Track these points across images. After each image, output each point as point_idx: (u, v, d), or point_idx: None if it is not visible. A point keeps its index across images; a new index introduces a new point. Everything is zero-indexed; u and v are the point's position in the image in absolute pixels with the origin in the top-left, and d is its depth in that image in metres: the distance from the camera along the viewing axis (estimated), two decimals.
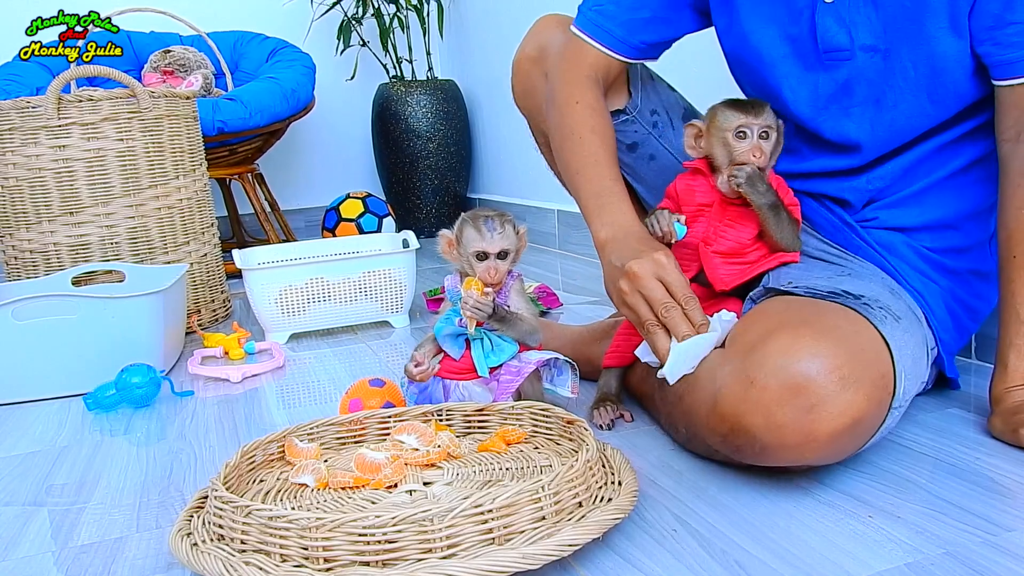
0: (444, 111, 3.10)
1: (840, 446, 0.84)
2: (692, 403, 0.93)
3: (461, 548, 0.71)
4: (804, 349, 0.81)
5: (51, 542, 0.89)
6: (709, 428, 0.89)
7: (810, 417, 0.80)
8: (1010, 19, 0.96)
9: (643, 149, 1.28)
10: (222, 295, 1.98)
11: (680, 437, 1.03)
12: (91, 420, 1.30)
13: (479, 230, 1.07)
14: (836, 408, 0.80)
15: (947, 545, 0.76)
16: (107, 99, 1.72)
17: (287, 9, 3.17)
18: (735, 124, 1.04)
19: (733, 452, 0.88)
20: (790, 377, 0.81)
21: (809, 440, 0.80)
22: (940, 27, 1.00)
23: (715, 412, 0.86)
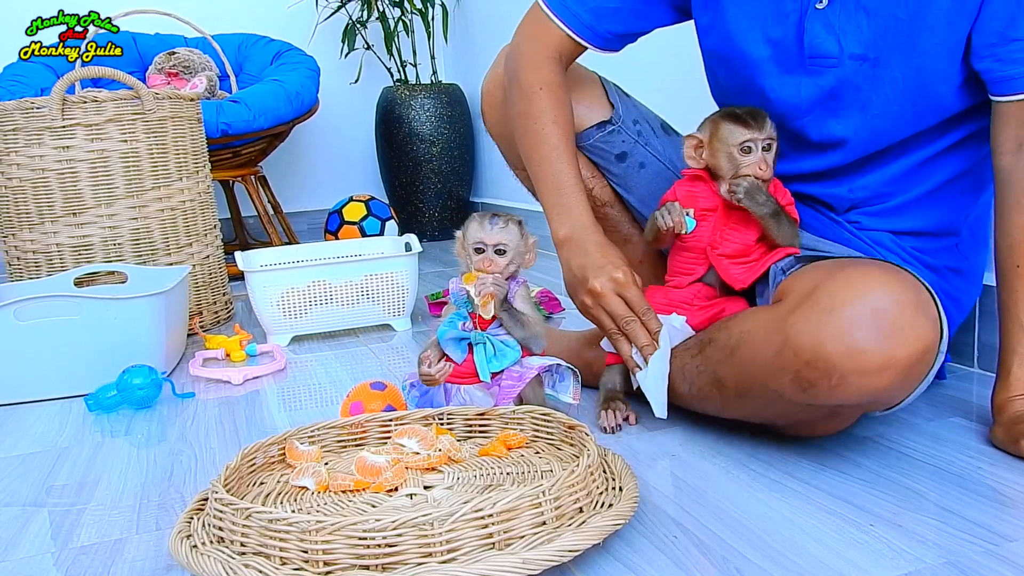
0: (448, 115, 3.10)
1: (911, 375, 0.85)
2: (751, 352, 0.94)
3: (461, 552, 0.71)
4: (876, 280, 0.84)
5: (51, 543, 0.89)
6: (778, 368, 0.89)
7: (891, 341, 0.82)
8: (1013, 36, 0.97)
9: (632, 158, 1.29)
10: (224, 297, 1.98)
11: (714, 405, 1.03)
12: (92, 421, 1.30)
13: (481, 223, 1.08)
14: (913, 333, 0.82)
15: (948, 554, 0.76)
16: (111, 100, 1.72)
17: (292, 12, 3.17)
18: (740, 139, 1.07)
19: (804, 390, 0.87)
20: (869, 303, 0.83)
21: (888, 365, 0.82)
22: (934, 42, 1.01)
23: (787, 349, 0.87)
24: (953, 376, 1.25)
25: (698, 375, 1.04)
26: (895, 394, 0.88)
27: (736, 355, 0.97)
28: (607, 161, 1.29)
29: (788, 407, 0.93)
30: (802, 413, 0.95)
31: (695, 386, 1.05)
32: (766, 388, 0.92)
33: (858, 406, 0.91)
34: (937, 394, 1.18)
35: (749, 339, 0.96)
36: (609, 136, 1.27)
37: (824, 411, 0.93)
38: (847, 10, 1.04)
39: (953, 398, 1.16)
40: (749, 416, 1.03)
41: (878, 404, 0.92)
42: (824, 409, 0.92)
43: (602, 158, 1.29)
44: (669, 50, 1.36)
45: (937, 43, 1.02)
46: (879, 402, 0.91)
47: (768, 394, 0.93)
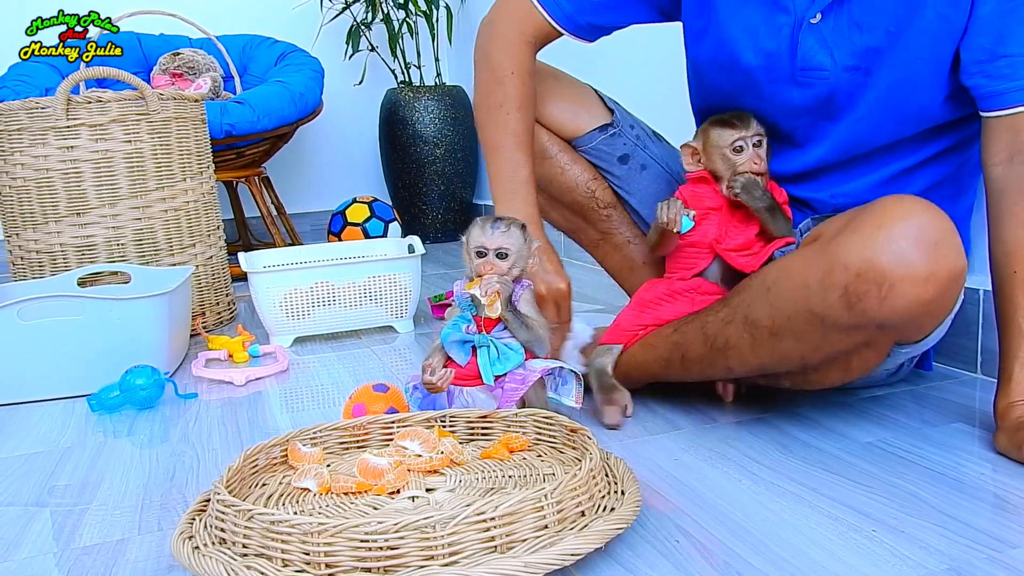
0: (452, 117, 3.10)
1: (949, 292, 0.90)
2: (791, 283, 0.96)
3: (463, 556, 0.71)
4: (918, 204, 0.89)
5: (53, 543, 0.89)
6: (825, 288, 0.91)
7: (935, 254, 0.87)
8: (1001, 53, 1.00)
9: (634, 160, 1.32)
10: (227, 298, 1.98)
11: (738, 356, 1.04)
12: (94, 421, 1.30)
13: (483, 228, 1.08)
14: (952, 250, 0.88)
15: (951, 561, 0.75)
16: (116, 101, 1.72)
17: (297, 13, 3.18)
18: (730, 140, 1.16)
19: (853, 305, 0.90)
20: (914, 221, 0.87)
21: (932, 276, 0.87)
22: (919, 56, 1.05)
23: (836, 267, 0.90)
24: (956, 382, 1.25)
25: (723, 327, 1.05)
26: (934, 311, 0.92)
27: (773, 291, 0.99)
28: (609, 163, 1.31)
29: (828, 334, 0.95)
30: (840, 341, 0.96)
31: (719, 340, 1.05)
32: (808, 314, 0.94)
33: (896, 326, 0.93)
34: (940, 400, 1.18)
35: (787, 273, 0.98)
36: (611, 139, 1.30)
37: (860, 337, 0.95)
38: (840, 25, 1.07)
39: (956, 404, 1.16)
40: (775, 362, 1.02)
41: (916, 325, 0.95)
42: (862, 334, 0.94)
43: (604, 161, 1.32)
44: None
45: (921, 57, 1.05)
46: (917, 321, 0.94)
47: (808, 322, 0.95)
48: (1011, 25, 1.00)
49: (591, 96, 1.34)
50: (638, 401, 1.22)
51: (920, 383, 1.25)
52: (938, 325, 0.98)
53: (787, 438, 1.07)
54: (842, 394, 1.21)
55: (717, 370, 1.09)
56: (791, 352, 1.00)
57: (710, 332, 1.07)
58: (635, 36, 1.47)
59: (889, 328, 0.94)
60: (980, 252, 1.26)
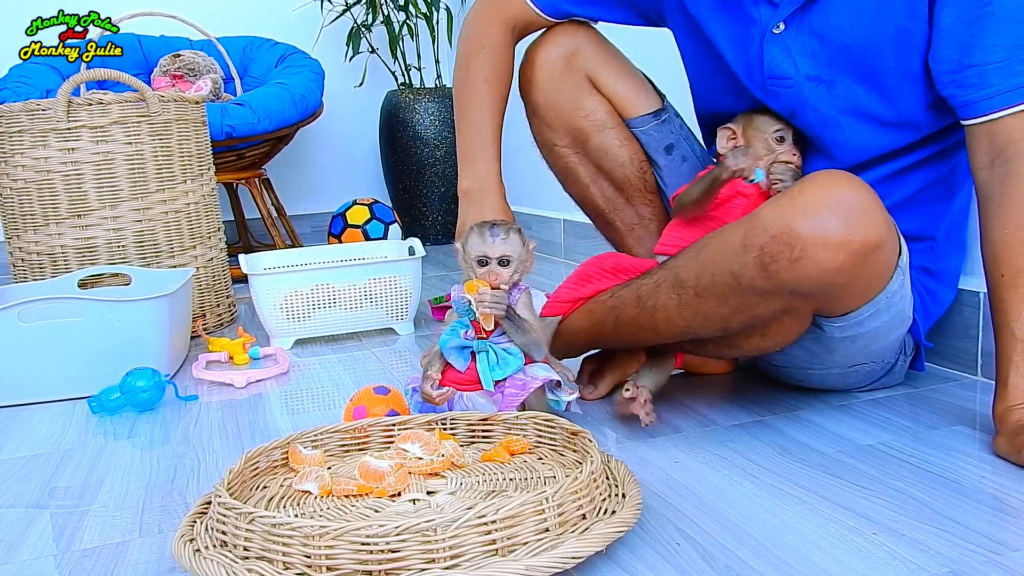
0: (452, 119, 3.09)
1: (866, 265, 0.93)
2: (718, 244, 0.99)
3: (464, 559, 0.71)
4: (843, 178, 0.93)
5: (53, 545, 0.89)
6: (743, 247, 0.94)
7: (850, 222, 0.90)
8: (968, 63, 1.02)
9: (677, 151, 1.33)
10: (227, 300, 1.98)
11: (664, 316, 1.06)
12: (95, 423, 1.30)
13: (482, 235, 1.08)
14: (870, 220, 0.91)
15: (951, 564, 0.75)
16: (116, 103, 1.72)
17: (297, 15, 3.18)
18: (774, 128, 1.18)
19: (766, 267, 0.93)
20: (834, 191, 0.91)
21: (846, 243, 0.90)
22: (888, 67, 1.08)
23: (755, 228, 0.93)
24: (955, 384, 1.25)
25: (655, 289, 1.07)
26: (848, 281, 0.94)
27: (703, 252, 1.02)
28: (655, 151, 1.32)
29: (745, 297, 0.97)
30: (757, 305, 0.98)
31: (649, 301, 1.07)
32: (728, 275, 0.97)
33: (811, 294, 0.95)
34: (940, 402, 1.18)
35: (718, 236, 1.01)
36: (661, 125, 1.32)
37: (778, 303, 0.97)
38: (802, 35, 1.11)
39: (956, 406, 1.16)
40: (699, 325, 1.04)
41: (831, 294, 0.97)
42: (778, 300, 0.96)
43: (652, 148, 1.32)
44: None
45: (892, 68, 1.08)
46: (832, 290, 0.96)
47: (727, 282, 0.97)
48: (974, 35, 1.01)
49: (644, 81, 1.35)
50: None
51: (920, 386, 1.25)
52: (862, 301, 1.01)
53: (787, 440, 1.07)
54: (841, 396, 1.22)
55: (646, 333, 1.11)
56: (713, 315, 1.02)
57: (643, 294, 1.09)
58: (636, 40, 1.47)
59: (803, 295, 0.96)
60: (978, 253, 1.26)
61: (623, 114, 1.32)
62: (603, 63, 1.30)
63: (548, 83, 1.31)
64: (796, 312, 1.01)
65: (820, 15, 1.09)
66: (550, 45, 1.31)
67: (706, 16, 1.20)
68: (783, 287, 0.94)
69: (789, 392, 1.24)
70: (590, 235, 1.45)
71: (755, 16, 1.14)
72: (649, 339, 1.12)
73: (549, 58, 1.31)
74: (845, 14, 1.08)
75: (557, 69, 1.31)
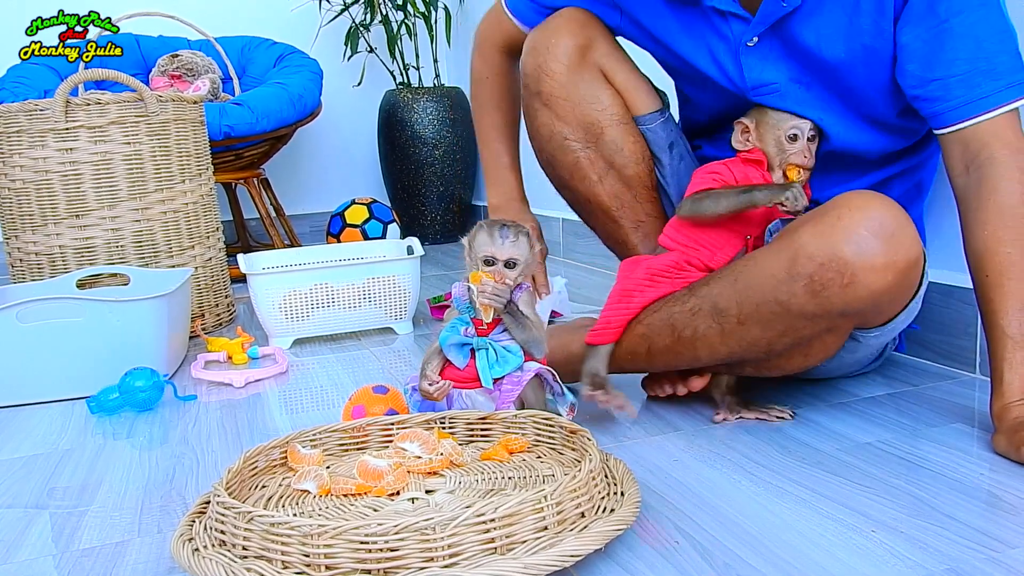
0: (450, 118, 3.10)
1: (907, 280, 0.98)
2: (757, 273, 1.02)
3: (463, 557, 0.71)
4: (874, 199, 0.96)
5: (52, 545, 0.89)
6: (790, 277, 0.98)
7: (892, 243, 0.94)
8: (931, 77, 1.06)
9: (676, 150, 1.33)
10: (226, 299, 1.98)
11: (707, 346, 1.08)
12: (94, 423, 1.30)
13: (491, 235, 1.07)
14: (907, 239, 0.95)
15: (950, 561, 0.75)
16: (115, 103, 1.72)
17: (295, 15, 3.18)
18: (788, 125, 1.14)
19: (817, 293, 0.96)
20: (872, 213, 0.95)
21: (890, 264, 0.94)
22: (859, 83, 1.12)
23: (800, 257, 0.97)
24: (955, 382, 1.25)
25: (691, 317, 1.09)
26: (895, 297, 0.99)
27: (741, 281, 1.04)
28: (660, 149, 1.32)
29: (793, 322, 1.01)
30: (805, 327, 1.01)
31: (687, 331, 1.09)
32: (773, 303, 1.00)
33: (859, 313, 1.00)
34: (939, 400, 1.18)
35: (755, 263, 1.04)
36: (665, 123, 1.32)
37: (824, 324, 1.01)
38: (774, 48, 1.15)
39: (955, 404, 1.16)
40: (744, 348, 1.06)
41: (877, 310, 1.02)
42: (825, 321, 1.00)
43: (657, 145, 1.32)
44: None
45: (862, 82, 1.12)
46: (879, 307, 1.01)
47: (774, 310, 1.01)
48: (935, 50, 1.04)
49: (648, 80, 1.35)
50: (635, 401, 1.23)
51: (919, 384, 1.25)
52: (900, 311, 1.05)
53: (786, 438, 1.07)
54: (841, 395, 1.22)
55: (683, 360, 1.12)
56: (758, 340, 1.05)
57: (678, 324, 1.10)
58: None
59: (852, 314, 1.00)
60: None
61: (632, 111, 1.32)
62: (616, 58, 1.30)
63: (564, 74, 1.28)
64: (839, 329, 1.05)
65: (791, 34, 1.12)
66: (566, 35, 1.28)
67: (676, 40, 1.23)
68: (833, 311, 0.98)
69: (788, 390, 1.24)
70: (590, 235, 1.45)
71: (726, 32, 1.17)
72: (687, 364, 1.13)
73: (567, 49, 1.28)
74: (814, 34, 1.11)
75: (574, 61, 1.28)
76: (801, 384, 1.26)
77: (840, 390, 1.24)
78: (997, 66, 1.03)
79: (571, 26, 1.29)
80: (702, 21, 1.19)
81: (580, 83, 1.28)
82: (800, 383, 1.26)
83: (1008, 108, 1.03)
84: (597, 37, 1.29)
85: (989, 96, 1.03)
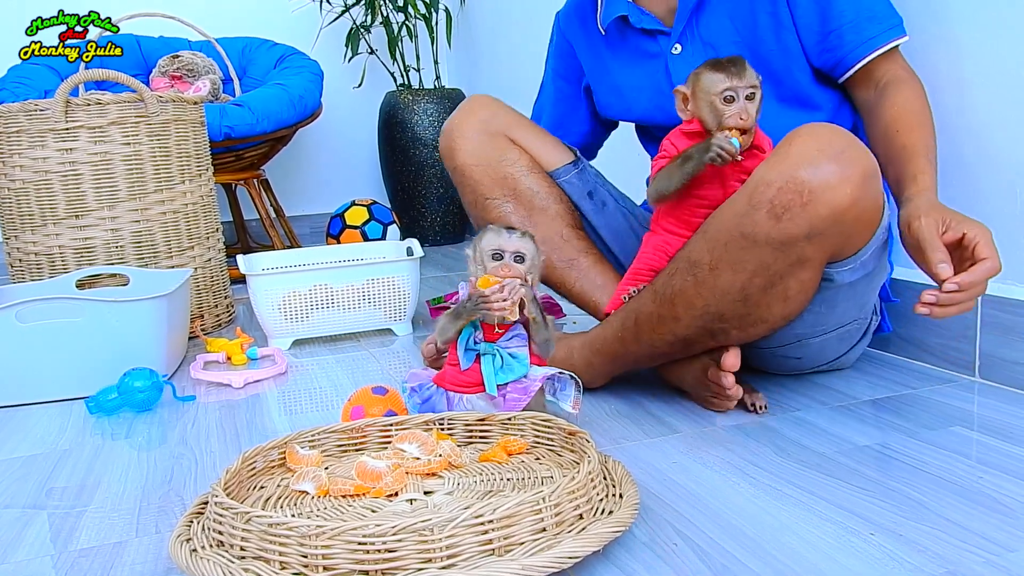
0: None
1: (865, 194, 1.00)
2: (721, 217, 1.06)
3: (461, 558, 0.71)
4: (823, 125, 1.02)
5: (50, 546, 0.89)
6: (751, 208, 1.01)
7: (843, 158, 0.98)
8: (829, 28, 1.22)
9: (597, 197, 1.42)
10: (226, 300, 1.98)
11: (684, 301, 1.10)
12: (92, 424, 1.30)
13: (498, 233, 1.08)
14: (856, 153, 0.99)
15: (949, 564, 0.75)
16: (115, 103, 1.72)
17: (296, 16, 3.18)
18: (720, 88, 1.09)
19: (779, 216, 0.99)
20: (818, 136, 0.99)
21: (845, 178, 0.97)
22: (771, 51, 1.24)
23: (759, 186, 1.01)
24: (953, 385, 1.25)
25: (669, 279, 1.12)
26: (858, 214, 1.00)
27: (709, 229, 1.08)
28: (580, 198, 1.41)
29: (761, 255, 1.02)
30: (775, 260, 1.03)
31: (666, 291, 1.12)
32: (740, 238, 1.03)
33: (824, 235, 1.00)
34: (937, 403, 1.18)
35: (719, 211, 1.08)
36: (580, 174, 1.41)
37: (793, 254, 1.02)
38: (697, 49, 1.28)
39: (953, 407, 1.16)
40: (718, 300, 1.08)
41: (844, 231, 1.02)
42: (794, 250, 1.01)
43: (576, 195, 1.41)
44: None
45: (775, 52, 1.24)
46: (845, 227, 1.01)
47: (741, 245, 1.03)
48: (824, 10, 1.21)
49: (556, 139, 1.45)
50: (634, 403, 1.23)
51: (918, 387, 1.25)
52: (868, 235, 1.07)
53: (785, 441, 1.07)
54: (840, 397, 1.22)
55: (666, 324, 1.13)
56: (731, 285, 1.06)
57: (658, 287, 1.14)
58: None
59: (817, 236, 1.00)
60: None
61: (544, 167, 1.41)
62: (517, 124, 1.41)
63: (471, 144, 1.39)
64: (811, 262, 1.04)
65: (706, 25, 1.27)
66: (466, 115, 1.40)
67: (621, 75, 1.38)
68: (799, 233, 1.00)
69: (787, 392, 1.24)
70: None
71: (654, 50, 1.33)
72: (670, 331, 1.13)
73: (471, 124, 1.40)
74: (726, 18, 1.26)
75: (477, 132, 1.39)
76: (801, 381, 1.26)
77: (839, 392, 1.24)
78: (877, 13, 1.20)
79: (473, 106, 1.41)
80: (635, 49, 1.35)
81: (488, 148, 1.38)
82: (800, 379, 1.26)
83: (893, 45, 1.20)
84: (498, 111, 1.40)
85: (877, 36, 1.20)
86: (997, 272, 0.96)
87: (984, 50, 1.22)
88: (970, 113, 1.25)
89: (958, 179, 1.27)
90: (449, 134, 1.41)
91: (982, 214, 1.24)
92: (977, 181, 1.25)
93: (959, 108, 1.26)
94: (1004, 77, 1.20)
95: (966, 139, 1.26)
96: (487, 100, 1.44)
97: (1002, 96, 1.21)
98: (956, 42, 1.26)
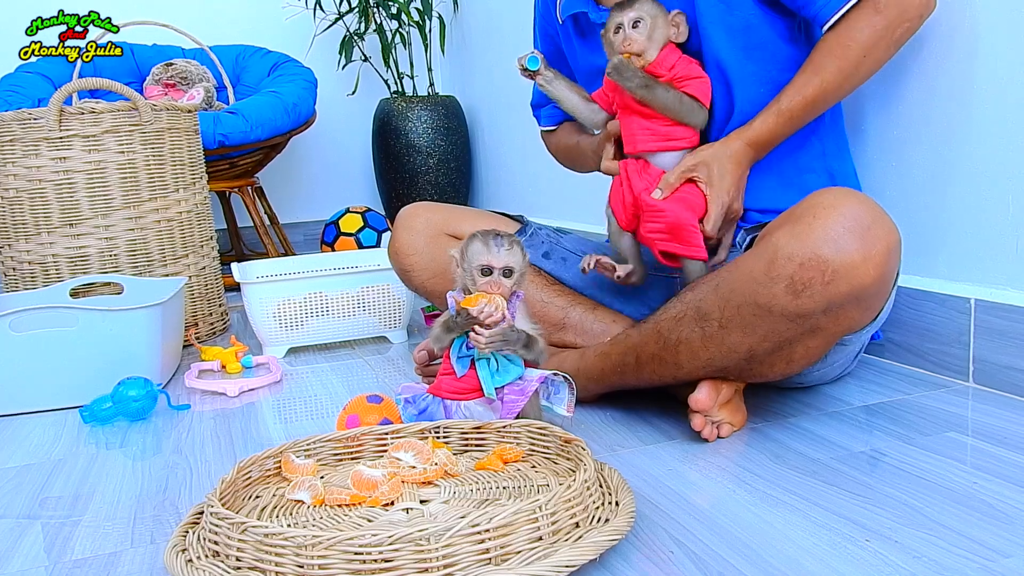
0: (444, 127, 3.11)
1: (885, 272, 0.97)
2: (738, 276, 1.03)
3: (457, 568, 0.71)
4: (845, 195, 0.98)
5: (44, 556, 0.88)
6: (770, 279, 0.98)
7: (869, 236, 0.95)
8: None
9: (555, 255, 1.42)
10: (220, 308, 1.98)
11: (688, 350, 1.08)
12: (87, 433, 1.30)
13: (486, 244, 1.07)
14: (882, 230, 0.96)
15: (944, 570, 0.76)
16: (108, 111, 1.72)
17: (290, 24, 3.18)
18: (612, 25, 1.17)
19: (799, 293, 0.97)
20: (845, 211, 0.96)
21: (868, 258, 0.95)
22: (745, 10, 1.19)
23: (779, 259, 0.97)
24: (948, 391, 1.25)
25: (675, 324, 1.09)
26: (877, 290, 0.99)
27: (723, 285, 1.05)
28: (537, 260, 1.41)
29: (775, 324, 1.00)
30: (787, 329, 1.01)
31: (671, 337, 1.09)
32: (754, 306, 1.00)
33: (843, 308, 0.99)
34: (932, 409, 1.18)
35: (735, 267, 1.04)
36: (531, 239, 1.43)
37: (807, 324, 1.00)
38: None
39: (948, 413, 1.16)
40: (724, 353, 1.06)
41: (863, 305, 1.00)
42: (808, 321, 1.00)
43: (533, 259, 1.39)
44: None
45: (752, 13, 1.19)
46: (865, 302, 1.00)
47: (755, 313, 1.01)
48: None
49: (498, 215, 1.47)
50: (630, 410, 1.23)
51: (912, 392, 1.25)
52: (883, 302, 1.05)
53: (780, 448, 1.07)
54: (835, 403, 1.22)
55: (668, 369, 1.12)
56: (738, 345, 1.04)
57: (663, 330, 1.11)
58: None
59: (835, 310, 0.99)
60: (971, 260, 1.27)
61: None
62: (452, 216, 1.43)
63: (418, 256, 1.41)
64: (823, 331, 1.03)
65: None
66: (404, 231, 1.42)
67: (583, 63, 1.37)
68: (816, 309, 0.98)
69: (782, 400, 1.24)
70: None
71: None
72: (671, 374, 1.12)
73: (408, 240, 1.42)
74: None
75: (416, 241, 1.41)
76: (794, 392, 1.26)
77: (833, 399, 1.24)
78: None
79: (407, 221, 1.43)
80: (594, 41, 1.30)
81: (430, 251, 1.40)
82: (792, 391, 1.27)
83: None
84: (431, 214, 1.42)
85: None
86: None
87: (981, 55, 1.23)
88: (963, 119, 1.26)
89: (950, 184, 1.28)
90: (396, 255, 1.44)
91: (974, 220, 1.25)
92: (969, 186, 1.26)
93: (952, 114, 1.27)
94: (996, 84, 1.21)
95: (959, 145, 1.27)
96: (416, 209, 1.45)
97: (994, 102, 1.21)
98: (953, 48, 1.27)
